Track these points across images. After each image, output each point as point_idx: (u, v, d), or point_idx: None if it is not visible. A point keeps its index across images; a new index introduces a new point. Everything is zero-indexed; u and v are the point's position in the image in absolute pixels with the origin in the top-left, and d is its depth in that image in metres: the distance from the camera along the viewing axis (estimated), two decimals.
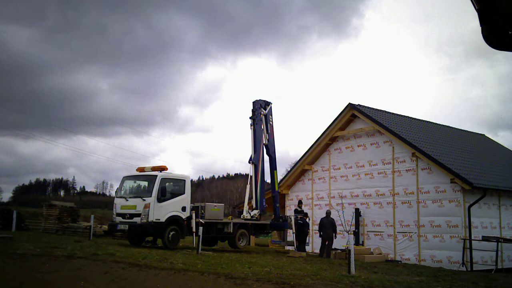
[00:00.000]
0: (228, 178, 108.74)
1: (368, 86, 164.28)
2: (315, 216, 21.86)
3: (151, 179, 15.71)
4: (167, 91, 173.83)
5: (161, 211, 15.26)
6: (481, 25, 2.14)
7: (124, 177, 16.97)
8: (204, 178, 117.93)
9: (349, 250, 11.48)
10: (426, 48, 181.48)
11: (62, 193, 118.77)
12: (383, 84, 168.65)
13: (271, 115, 18.77)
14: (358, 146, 21.25)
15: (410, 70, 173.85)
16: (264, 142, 18.60)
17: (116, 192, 17.18)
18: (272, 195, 19.35)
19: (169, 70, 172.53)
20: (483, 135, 29.79)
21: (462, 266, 16.32)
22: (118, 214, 15.90)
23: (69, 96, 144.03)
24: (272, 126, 18.87)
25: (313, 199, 22.66)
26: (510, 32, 2.12)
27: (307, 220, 19.31)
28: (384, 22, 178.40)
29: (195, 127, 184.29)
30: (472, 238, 16.76)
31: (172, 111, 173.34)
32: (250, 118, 17.82)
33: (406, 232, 18.63)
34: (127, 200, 15.81)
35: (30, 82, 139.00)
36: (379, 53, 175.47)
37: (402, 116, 24.39)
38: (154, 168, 16.31)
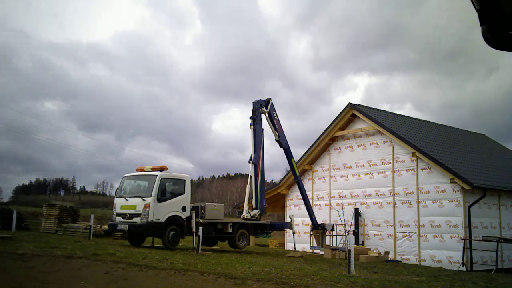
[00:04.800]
0: (228, 178, 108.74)
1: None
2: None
3: (151, 179, 15.71)
4: None
5: (161, 211, 15.26)
6: (481, 25, 2.14)
7: (124, 177, 16.98)
8: (204, 178, 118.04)
9: (349, 250, 11.48)
10: None
11: (62, 193, 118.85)
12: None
13: (274, 111, 18.80)
14: (358, 146, 21.25)
15: None
16: (275, 138, 18.85)
17: (116, 192, 17.20)
18: (296, 181, 20.09)
19: None
20: (483, 135, 29.79)
21: (462, 266, 16.32)
22: (118, 214, 15.90)
23: None
24: (278, 120, 18.92)
25: (313, 199, 22.65)
26: (510, 32, 2.12)
27: None
28: None
29: None
30: (472, 238, 16.76)
31: None
32: (250, 118, 17.82)
33: (406, 232, 18.63)
34: (127, 200, 15.82)
35: None
36: None
37: (402, 116, 24.41)
38: (154, 168, 16.32)
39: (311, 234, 20.13)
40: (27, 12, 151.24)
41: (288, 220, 21.20)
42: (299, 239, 22.07)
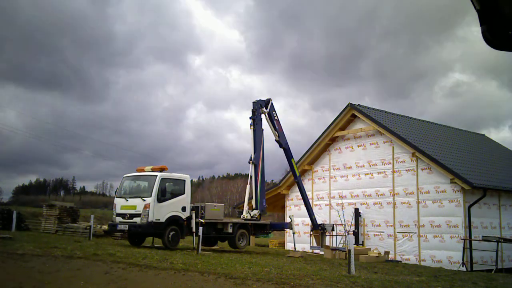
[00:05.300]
0: (228, 178, 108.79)
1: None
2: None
3: (151, 179, 15.72)
4: None
5: (161, 211, 15.27)
6: (481, 25, 2.14)
7: (124, 177, 16.98)
8: (204, 178, 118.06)
9: (349, 250, 11.48)
10: None
11: (62, 193, 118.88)
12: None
13: (274, 111, 18.80)
14: (358, 146, 21.25)
15: None
16: (275, 139, 18.85)
17: (116, 192, 17.20)
18: (295, 181, 20.09)
19: None
20: (483, 135, 29.81)
21: (462, 266, 16.32)
22: (118, 214, 15.90)
23: None
24: (278, 120, 18.92)
25: (313, 199, 22.65)
26: (510, 32, 2.12)
27: None
28: None
29: None
30: (472, 238, 16.76)
31: None
32: (250, 118, 17.83)
33: (406, 232, 18.62)
34: (127, 200, 15.82)
35: None
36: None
37: (402, 116, 24.41)
38: (154, 169, 16.33)
39: (311, 234, 20.14)
40: None
41: (288, 220, 21.20)
42: (299, 239, 22.07)
